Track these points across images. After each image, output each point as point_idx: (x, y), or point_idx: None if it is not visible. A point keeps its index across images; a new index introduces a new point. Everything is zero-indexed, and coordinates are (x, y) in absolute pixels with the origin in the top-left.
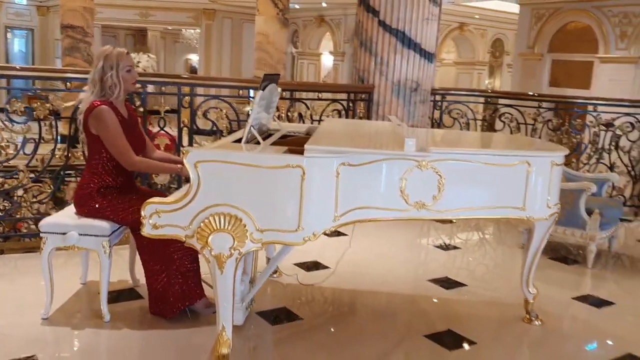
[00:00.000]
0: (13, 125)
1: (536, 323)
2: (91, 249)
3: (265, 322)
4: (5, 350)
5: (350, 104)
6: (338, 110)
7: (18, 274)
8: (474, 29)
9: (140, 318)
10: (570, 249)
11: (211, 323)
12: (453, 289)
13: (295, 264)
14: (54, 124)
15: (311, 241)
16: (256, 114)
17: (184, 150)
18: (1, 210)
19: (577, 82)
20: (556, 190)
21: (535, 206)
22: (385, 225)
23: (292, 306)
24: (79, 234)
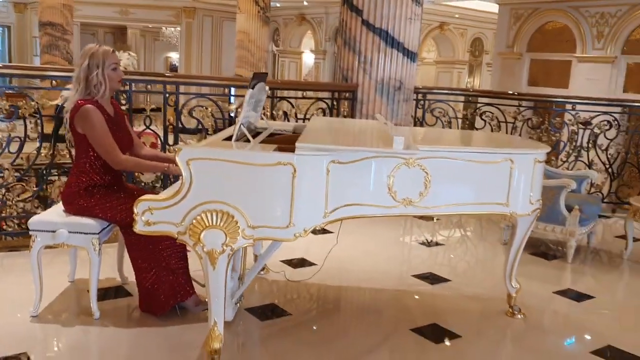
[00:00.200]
0: None
1: (519, 317)
2: (81, 246)
3: (255, 318)
4: None
5: (334, 102)
6: (322, 109)
7: (3, 273)
8: (454, 29)
9: (129, 315)
10: (549, 245)
11: (201, 320)
12: (437, 284)
13: (282, 261)
14: (39, 122)
15: (302, 237)
16: (246, 112)
17: (176, 148)
18: None
19: (555, 81)
20: (538, 186)
21: (518, 202)
22: (369, 223)
23: (281, 302)
24: (69, 232)
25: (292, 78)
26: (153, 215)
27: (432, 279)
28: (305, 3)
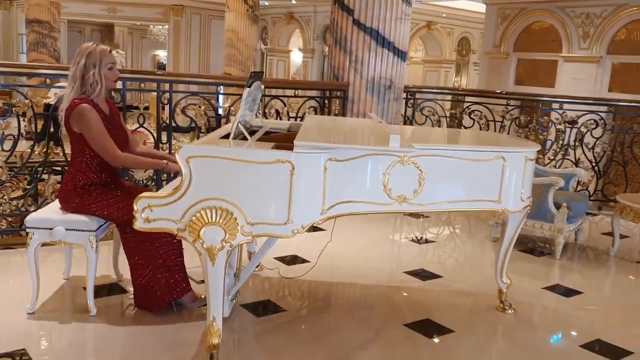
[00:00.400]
0: None
1: (509, 312)
2: (78, 243)
3: (250, 314)
4: None
5: (325, 101)
6: (314, 108)
7: None
8: (441, 28)
9: (126, 312)
10: (537, 242)
11: (197, 316)
12: (429, 280)
13: (276, 258)
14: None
15: (300, 233)
16: (243, 111)
17: (177, 145)
18: None
19: (542, 81)
20: (529, 184)
21: (510, 199)
22: (360, 220)
23: (276, 299)
24: (66, 229)
25: (280, 76)
26: (153, 212)
27: (424, 275)
28: (293, 2)
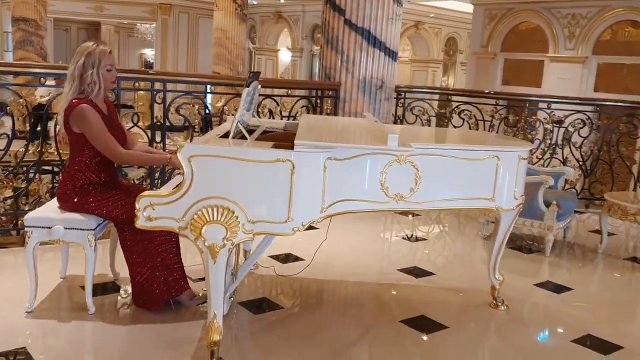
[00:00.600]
0: None
1: (502, 308)
2: (77, 242)
3: (248, 312)
4: None
5: (317, 100)
6: (307, 107)
7: None
8: (429, 28)
9: (124, 310)
10: (525, 239)
11: (195, 314)
12: (422, 277)
13: (271, 256)
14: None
15: (300, 231)
16: (242, 110)
17: (179, 144)
18: None
19: (528, 81)
20: (522, 182)
21: (504, 197)
22: (352, 219)
23: (272, 296)
24: (65, 228)
25: (269, 75)
26: (155, 210)
27: (417, 272)
28: (282, 1)
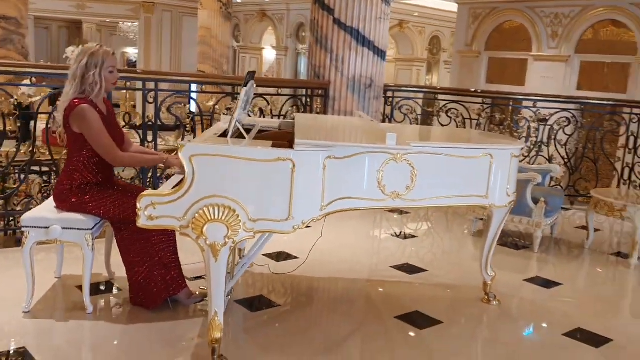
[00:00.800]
0: None
1: (494, 303)
2: (74, 242)
3: (245, 310)
4: None
5: (307, 99)
6: (297, 106)
7: None
8: (413, 27)
9: (121, 309)
10: (511, 236)
11: (193, 312)
12: (415, 274)
13: (265, 255)
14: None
15: (300, 229)
16: (240, 110)
17: (180, 144)
18: None
19: (512, 79)
20: (514, 179)
21: (497, 194)
22: (343, 217)
23: (268, 294)
24: (62, 228)
25: None
26: (156, 209)
27: (409, 269)
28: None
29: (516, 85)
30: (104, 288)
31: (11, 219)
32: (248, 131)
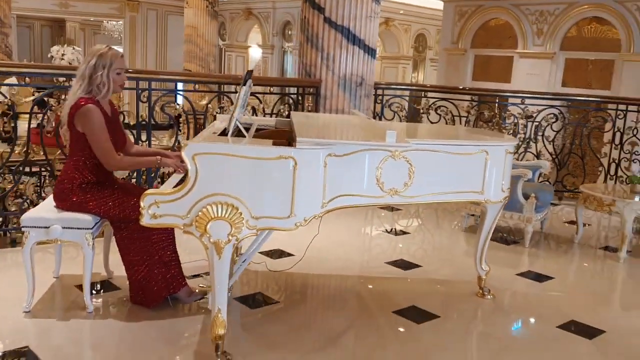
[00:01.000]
0: None
1: (489, 297)
2: (75, 241)
3: (244, 307)
4: None
5: (299, 97)
6: (289, 104)
7: None
8: (399, 24)
9: (122, 308)
10: (500, 231)
11: (194, 310)
12: (410, 269)
13: (261, 253)
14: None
15: (302, 226)
16: (240, 109)
17: (183, 143)
18: None
19: (498, 76)
20: (508, 175)
21: (492, 190)
22: (336, 214)
23: (266, 291)
24: (63, 227)
25: (240, 72)
26: (159, 208)
27: (404, 265)
28: None
29: (502, 83)
30: (103, 287)
31: (7, 219)
32: (246, 130)
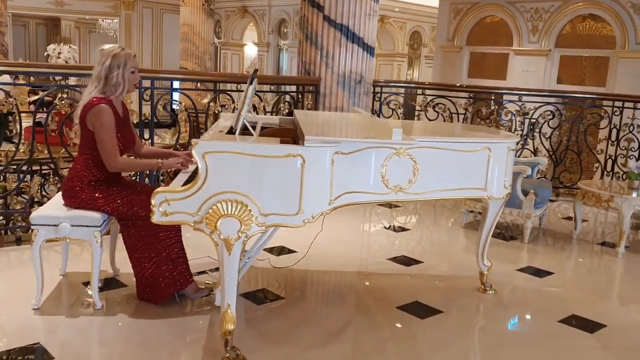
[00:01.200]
0: None
1: (490, 292)
2: (83, 239)
3: (251, 302)
4: (6, 340)
5: (299, 95)
6: (288, 102)
7: None
8: (394, 22)
9: (129, 305)
10: (498, 228)
11: (201, 306)
12: (411, 265)
13: (264, 250)
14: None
15: (310, 223)
16: (247, 107)
17: (194, 141)
18: None
19: (494, 73)
20: (510, 172)
21: (494, 187)
22: (337, 211)
23: (271, 287)
24: (71, 225)
25: (235, 70)
26: (170, 206)
27: (405, 261)
28: None
29: (497, 80)
30: (110, 284)
31: (11, 217)
32: (253, 128)
